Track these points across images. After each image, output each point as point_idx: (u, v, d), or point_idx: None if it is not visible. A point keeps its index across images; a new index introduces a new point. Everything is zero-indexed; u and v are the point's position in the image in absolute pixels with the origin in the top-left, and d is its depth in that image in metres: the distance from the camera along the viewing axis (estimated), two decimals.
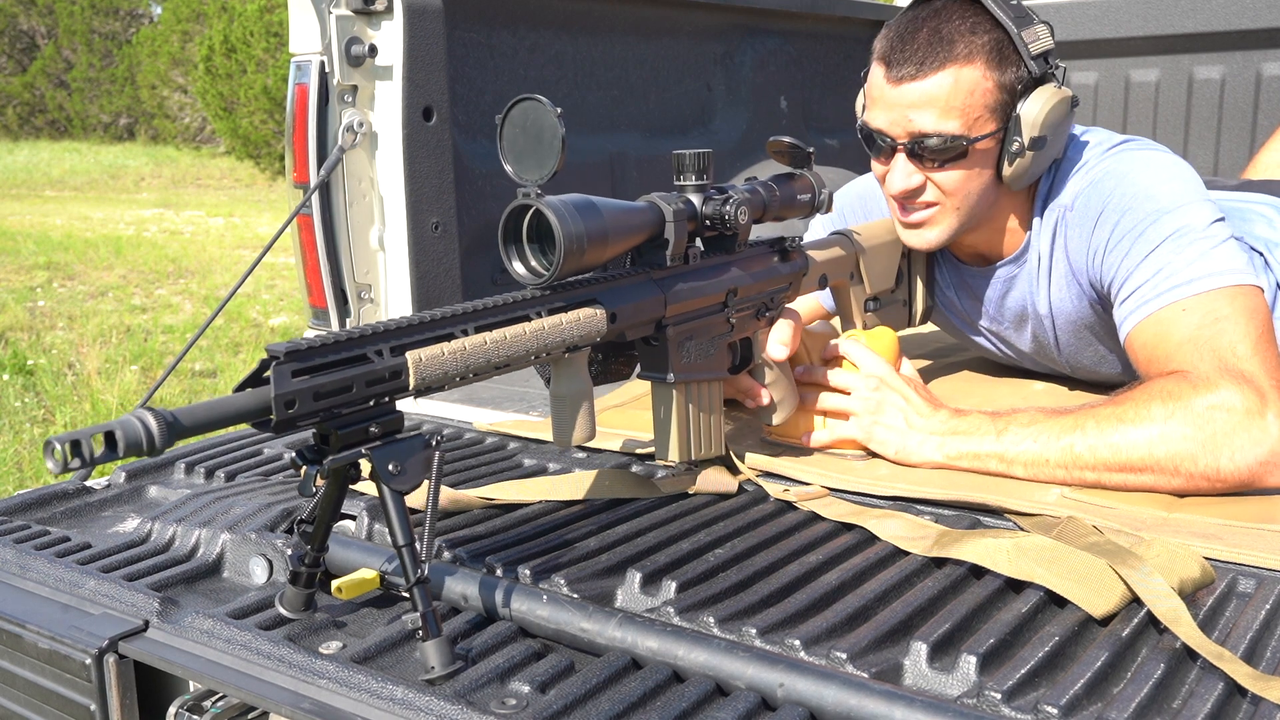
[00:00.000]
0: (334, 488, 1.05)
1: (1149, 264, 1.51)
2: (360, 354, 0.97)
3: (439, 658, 0.99)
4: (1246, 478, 1.34)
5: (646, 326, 1.31)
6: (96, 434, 0.81)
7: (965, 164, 1.57)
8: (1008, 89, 1.54)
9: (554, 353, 1.16)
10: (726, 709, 0.94)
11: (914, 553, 1.21)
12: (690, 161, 1.35)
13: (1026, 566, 1.12)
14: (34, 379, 5.16)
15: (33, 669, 1.17)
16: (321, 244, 2.06)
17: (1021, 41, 1.53)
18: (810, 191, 1.52)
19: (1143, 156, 1.61)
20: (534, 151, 1.16)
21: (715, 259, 1.41)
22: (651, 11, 2.60)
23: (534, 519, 1.33)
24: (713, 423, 1.42)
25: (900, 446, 1.48)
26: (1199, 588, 1.13)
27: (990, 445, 1.43)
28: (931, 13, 1.55)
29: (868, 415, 1.51)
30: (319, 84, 1.98)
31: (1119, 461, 1.37)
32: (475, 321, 1.08)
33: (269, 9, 16.54)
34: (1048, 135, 1.56)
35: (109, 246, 9.49)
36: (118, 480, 1.55)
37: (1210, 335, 1.42)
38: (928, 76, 1.52)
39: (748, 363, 1.51)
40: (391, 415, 1.01)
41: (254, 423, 0.91)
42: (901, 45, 1.54)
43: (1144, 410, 1.37)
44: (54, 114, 26.04)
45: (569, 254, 1.14)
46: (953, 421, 1.48)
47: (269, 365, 0.91)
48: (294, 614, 1.11)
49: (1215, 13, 2.92)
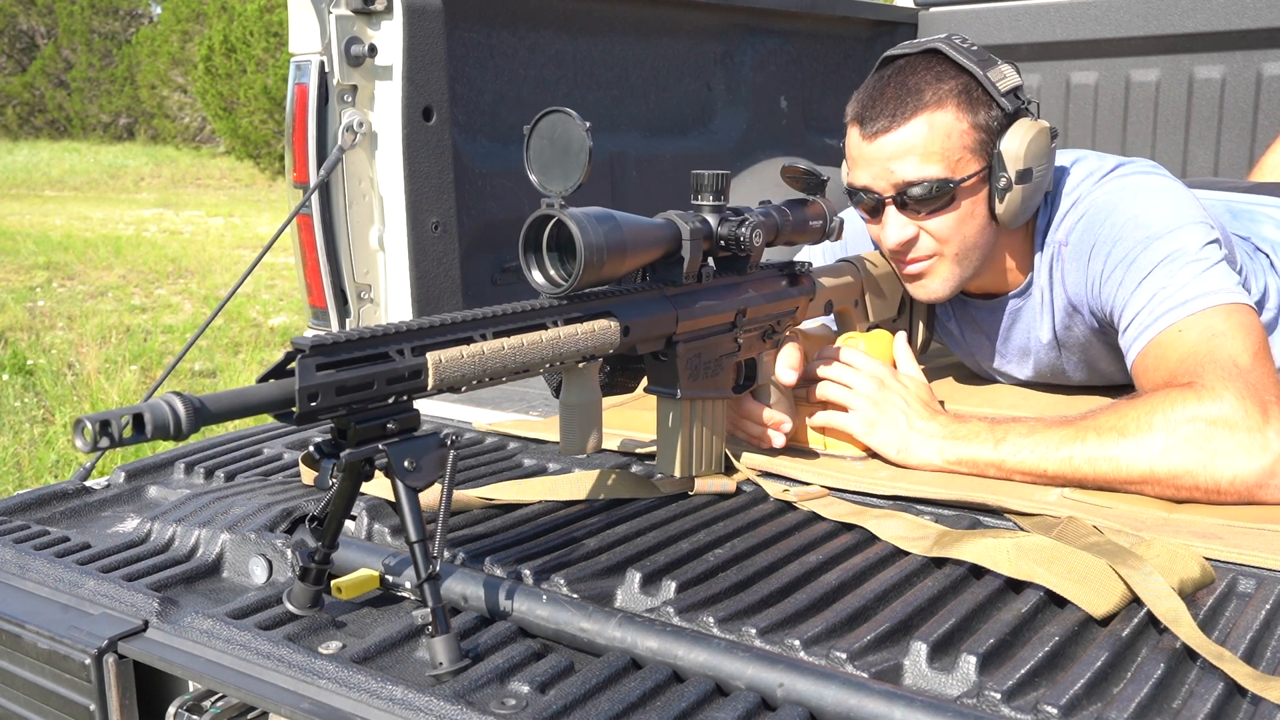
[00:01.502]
0: (348, 483, 1.05)
1: (1143, 290, 1.53)
2: (383, 352, 0.99)
3: (447, 654, 1.00)
4: (1246, 495, 1.32)
5: (658, 341, 1.33)
6: (125, 415, 0.82)
7: (954, 208, 1.59)
8: (984, 128, 1.57)
9: (568, 362, 1.17)
10: (726, 709, 0.93)
11: (914, 553, 1.21)
12: (709, 182, 1.37)
13: (1027, 566, 1.12)
14: (34, 379, 5.16)
15: (32, 669, 1.17)
16: (321, 244, 2.06)
17: (989, 81, 1.57)
18: (822, 218, 1.54)
19: (1132, 183, 1.63)
20: (560, 163, 1.18)
21: (727, 279, 1.43)
22: (651, 11, 2.60)
23: (534, 519, 1.33)
24: (715, 440, 1.44)
25: (902, 446, 1.48)
26: (1199, 588, 1.13)
27: (988, 453, 1.43)
28: (896, 70, 1.60)
29: (870, 410, 1.51)
30: (319, 84, 1.98)
31: (1119, 476, 1.36)
32: (494, 326, 1.10)
33: (269, 9, 16.53)
34: (1033, 167, 1.58)
35: (109, 246, 9.49)
36: (117, 480, 1.55)
37: (1209, 350, 1.42)
38: (901, 126, 1.56)
39: (751, 383, 1.52)
40: (409, 413, 1.03)
41: (276, 414, 0.93)
42: (872, 103, 1.58)
43: (1145, 422, 1.36)
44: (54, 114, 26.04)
45: (589, 265, 1.16)
46: (952, 427, 1.47)
47: (294, 358, 0.93)
48: (302, 611, 1.11)
49: (1215, 12, 2.92)
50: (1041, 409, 1.76)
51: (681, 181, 1.45)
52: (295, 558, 1.20)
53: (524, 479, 1.43)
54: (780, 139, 2.95)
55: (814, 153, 3.02)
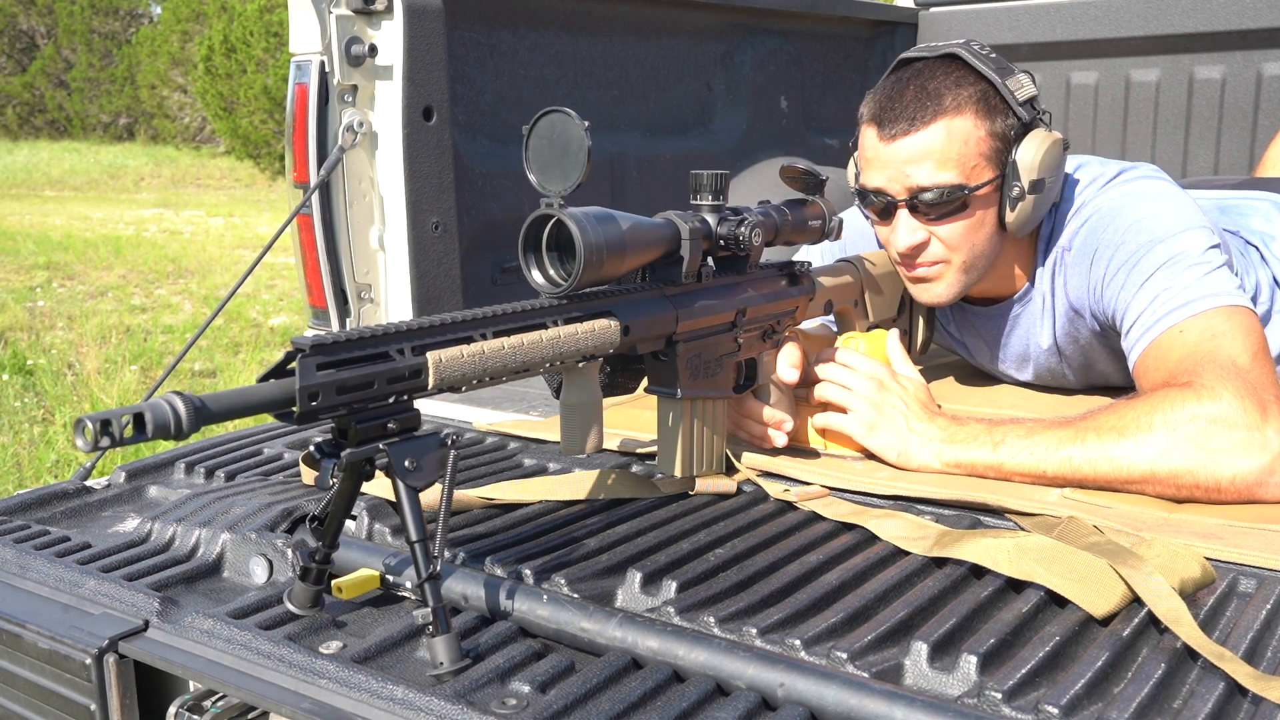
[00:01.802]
0: (349, 483, 1.05)
1: (1145, 292, 1.54)
2: (383, 351, 0.99)
3: (448, 653, 1.00)
4: (1246, 493, 1.33)
5: (658, 341, 1.33)
6: (126, 415, 0.83)
7: (966, 215, 1.59)
8: (1000, 136, 1.57)
9: (568, 361, 1.17)
10: (727, 709, 0.93)
11: (914, 553, 1.21)
12: (708, 182, 1.37)
13: (1027, 566, 1.12)
14: (34, 379, 5.16)
15: (33, 669, 1.17)
16: (321, 244, 2.06)
17: (1007, 90, 1.57)
18: (821, 218, 1.54)
19: (1135, 188, 1.64)
20: (559, 163, 1.18)
21: (727, 279, 1.43)
22: (651, 11, 2.60)
23: (534, 519, 1.33)
24: (715, 440, 1.44)
25: (902, 449, 1.48)
26: (1200, 588, 1.13)
27: (987, 456, 1.43)
28: (915, 73, 1.59)
29: (869, 413, 1.51)
30: (319, 84, 1.98)
31: (1120, 476, 1.36)
32: (494, 326, 1.10)
33: (269, 9, 16.53)
34: (1046, 178, 1.58)
35: (109, 246, 9.49)
36: (118, 480, 1.55)
37: (1210, 349, 1.43)
38: (920, 130, 1.55)
39: (751, 383, 1.53)
40: (409, 413, 1.03)
41: (277, 414, 0.93)
42: (890, 105, 1.57)
43: (1145, 422, 1.36)
44: (54, 114, 26.04)
45: (588, 265, 1.16)
46: (950, 429, 1.47)
47: (294, 358, 0.93)
48: (302, 610, 1.12)
49: (1215, 12, 2.92)
50: (1041, 409, 1.76)
51: (681, 182, 1.45)
52: (296, 557, 1.20)
53: (524, 479, 1.43)
54: (780, 139, 2.95)
55: (814, 153, 3.02)
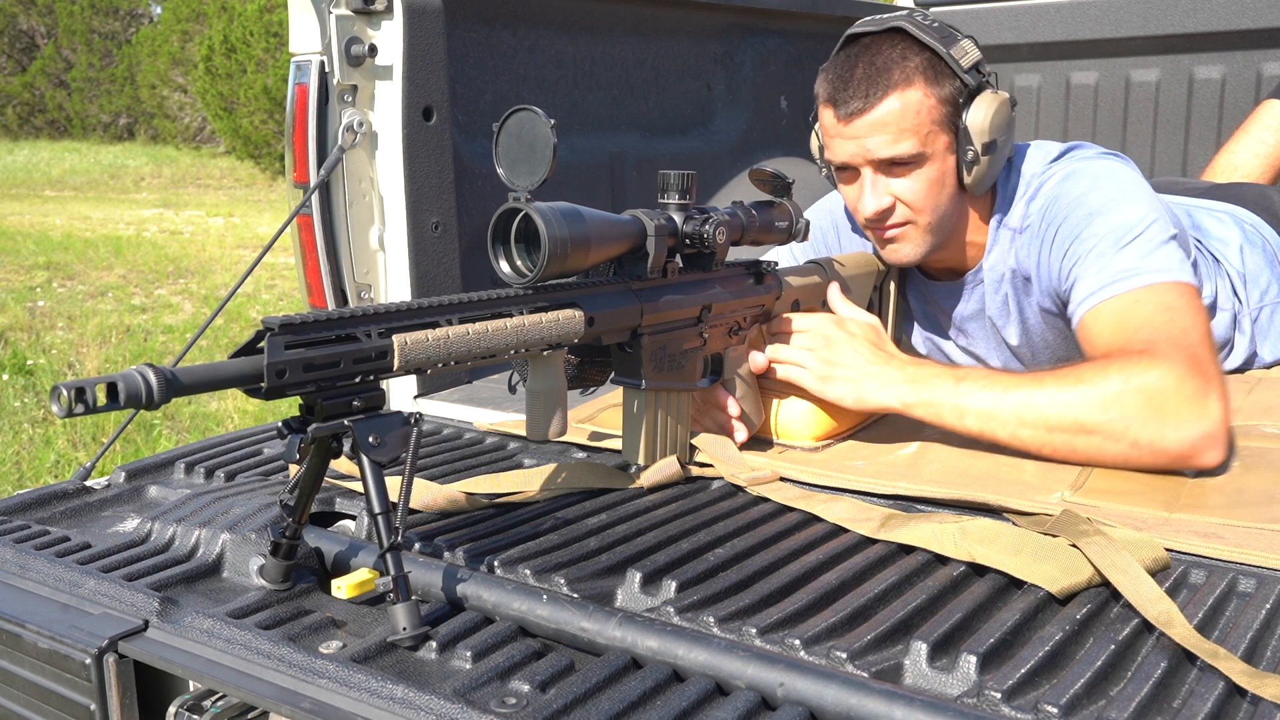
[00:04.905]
0: (317, 459, 1.10)
1: (1092, 260, 1.60)
2: (350, 333, 1.04)
3: (409, 619, 1.04)
4: (1188, 450, 1.41)
5: (623, 333, 1.39)
6: (100, 384, 0.86)
7: (927, 173, 1.65)
8: (949, 102, 1.63)
9: (533, 349, 1.22)
10: (726, 708, 0.94)
11: (860, 533, 1.25)
12: (675, 181, 1.42)
13: (968, 547, 1.16)
14: (34, 379, 5.16)
15: (32, 669, 1.17)
16: (321, 244, 2.06)
17: (951, 58, 1.63)
18: (788, 219, 1.59)
19: (1079, 167, 1.70)
20: (527, 159, 1.23)
21: (692, 275, 1.48)
22: (651, 11, 2.60)
23: (534, 519, 1.33)
24: (680, 430, 1.50)
25: (858, 394, 1.52)
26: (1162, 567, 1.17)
27: (947, 394, 1.48)
28: (862, 49, 1.65)
29: (820, 366, 1.55)
30: (319, 84, 1.98)
31: (1071, 420, 1.42)
32: (460, 313, 1.15)
33: (269, 9, 16.53)
34: (998, 138, 1.65)
35: (109, 246, 9.49)
36: (117, 480, 1.55)
37: (1165, 322, 1.50)
38: (874, 107, 1.61)
39: (717, 376, 1.56)
40: (374, 392, 1.08)
41: (246, 389, 0.98)
42: (843, 85, 1.64)
43: (1101, 375, 1.44)
44: (54, 114, 26.04)
45: (552, 257, 1.22)
46: (909, 370, 1.52)
47: (264, 336, 0.97)
48: (274, 585, 1.17)
49: (1215, 13, 2.93)
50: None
51: None
52: (267, 533, 1.23)
53: (502, 473, 1.45)
54: (780, 139, 2.95)
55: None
